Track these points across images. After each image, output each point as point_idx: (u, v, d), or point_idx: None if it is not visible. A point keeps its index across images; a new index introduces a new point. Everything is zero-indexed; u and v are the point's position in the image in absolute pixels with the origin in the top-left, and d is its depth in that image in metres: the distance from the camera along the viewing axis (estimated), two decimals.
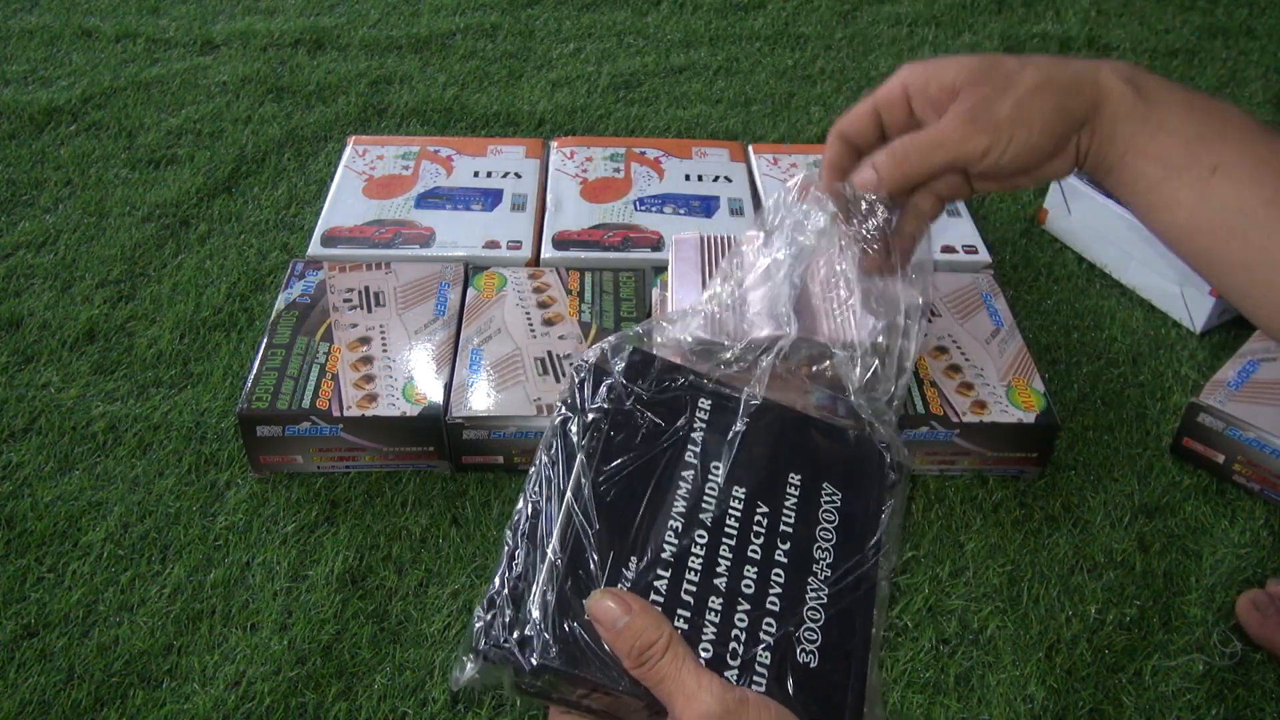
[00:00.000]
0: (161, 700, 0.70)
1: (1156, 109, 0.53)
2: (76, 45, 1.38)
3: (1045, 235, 1.12)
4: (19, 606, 0.75)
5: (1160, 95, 0.54)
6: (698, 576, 0.47)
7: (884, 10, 1.52)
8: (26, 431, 0.88)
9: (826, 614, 0.48)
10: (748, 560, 0.48)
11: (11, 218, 1.10)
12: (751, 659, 0.45)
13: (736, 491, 0.50)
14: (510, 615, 0.44)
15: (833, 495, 0.52)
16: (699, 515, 0.49)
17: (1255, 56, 1.43)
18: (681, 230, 0.97)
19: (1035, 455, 0.84)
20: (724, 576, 0.47)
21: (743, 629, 0.46)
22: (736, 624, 0.46)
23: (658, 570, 0.46)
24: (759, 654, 0.46)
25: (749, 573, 0.48)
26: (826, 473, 0.52)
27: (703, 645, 0.45)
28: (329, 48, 1.39)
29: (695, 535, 0.48)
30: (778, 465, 0.52)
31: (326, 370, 0.84)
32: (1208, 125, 0.53)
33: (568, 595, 0.45)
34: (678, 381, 0.53)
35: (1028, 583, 0.78)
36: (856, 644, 0.48)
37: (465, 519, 0.82)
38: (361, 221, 1.01)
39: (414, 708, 0.70)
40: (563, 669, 0.43)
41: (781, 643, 0.46)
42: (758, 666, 0.45)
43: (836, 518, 0.51)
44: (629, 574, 0.46)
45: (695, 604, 0.46)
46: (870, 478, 0.53)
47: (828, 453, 0.53)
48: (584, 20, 1.47)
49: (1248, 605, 0.74)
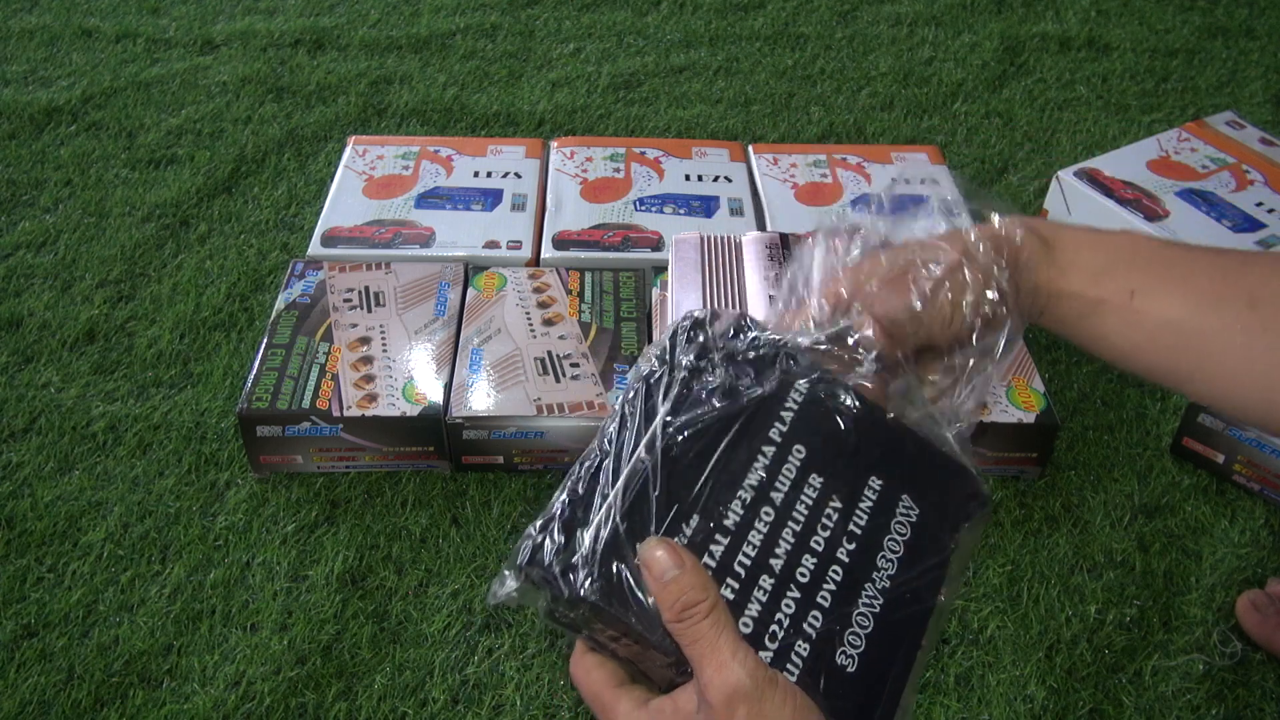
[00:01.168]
0: (161, 700, 0.70)
1: (1060, 250, 0.54)
2: (76, 45, 1.38)
3: None
4: (19, 606, 0.75)
5: (1061, 237, 0.55)
6: (754, 552, 0.46)
7: (884, 10, 1.52)
8: (26, 431, 0.88)
9: (875, 623, 0.47)
10: (809, 549, 0.47)
11: (11, 218, 1.10)
12: (790, 646, 0.45)
13: (813, 480, 0.49)
14: (560, 541, 0.44)
15: (910, 509, 0.50)
16: (770, 493, 0.48)
17: (1255, 56, 1.43)
18: (681, 230, 0.98)
19: (1035, 455, 0.84)
20: (781, 559, 0.46)
21: (788, 615, 0.45)
22: (783, 609, 0.45)
23: (716, 535, 0.46)
24: (798, 644, 0.45)
25: (807, 562, 0.47)
26: (909, 485, 0.51)
27: (744, 620, 0.44)
28: (329, 48, 1.39)
29: (761, 511, 0.47)
30: (861, 464, 0.51)
31: (326, 370, 0.84)
32: (1115, 254, 0.54)
33: (621, 537, 0.44)
34: (777, 355, 0.52)
35: (1028, 583, 0.78)
36: (899, 661, 0.46)
37: (465, 519, 0.82)
38: (361, 221, 1.01)
39: (414, 708, 0.70)
40: (600, 604, 0.43)
41: (824, 639, 0.45)
42: (794, 656, 0.45)
43: (909, 532, 0.49)
44: (686, 530, 0.45)
45: (746, 578, 0.45)
46: (952, 501, 0.52)
47: (915, 466, 0.52)
48: (584, 20, 1.47)
49: (1247, 605, 0.74)
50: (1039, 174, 1.20)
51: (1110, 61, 1.41)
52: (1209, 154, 1.13)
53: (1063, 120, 1.30)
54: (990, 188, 1.18)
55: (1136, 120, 1.30)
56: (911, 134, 1.26)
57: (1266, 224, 1.03)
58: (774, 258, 0.87)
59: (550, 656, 0.73)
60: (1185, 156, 1.12)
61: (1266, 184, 1.08)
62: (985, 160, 1.22)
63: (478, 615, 0.75)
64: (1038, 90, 1.35)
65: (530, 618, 0.75)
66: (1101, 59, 1.42)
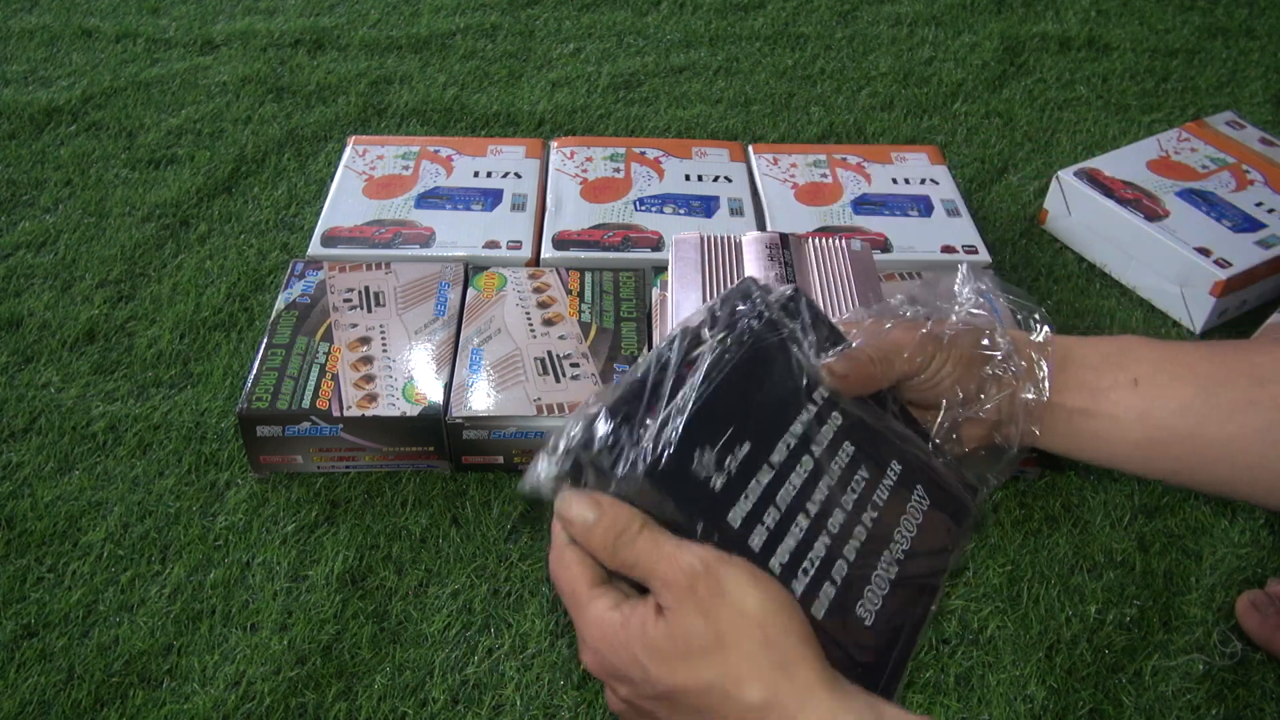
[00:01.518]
0: (161, 700, 0.70)
1: (1060, 347, 0.55)
2: (76, 45, 1.38)
3: (1045, 235, 1.12)
4: (19, 606, 0.75)
5: (1059, 340, 0.56)
6: (795, 493, 0.47)
7: (884, 10, 1.52)
8: (26, 431, 0.88)
9: (891, 588, 0.48)
10: (840, 505, 0.49)
11: (11, 218, 1.10)
12: (819, 584, 0.46)
13: (847, 446, 0.51)
14: (610, 428, 0.44)
15: (922, 499, 0.53)
16: (810, 445, 0.49)
17: (1255, 56, 1.43)
18: (681, 230, 0.98)
19: (1035, 455, 0.84)
20: (816, 506, 0.48)
21: (818, 559, 0.47)
22: (815, 550, 0.47)
23: (764, 465, 0.47)
24: (826, 586, 0.46)
25: (837, 515, 0.48)
26: (921, 477, 0.53)
27: (780, 550, 0.45)
28: (329, 48, 1.39)
29: (803, 457, 0.48)
30: (886, 446, 0.52)
31: (327, 370, 0.84)
32: (1113, 347, 0.55)
33: (672, 439, 0.44)
34: (828, 335, 0.53)
35: (1028, 583, 0.78)
36: (909, 622, 0.48)
37: (465, 519, 0.82)
38: (361, 221, 1.01)
39: (414, 708, 0.70)
40: (648, 488, 0.43)
41: (847, 587, 0.47)
42: (821, 595, 0.46)
43: (921, 517, 0.52)
44: (739, 452, 0.46)
45: (785, 514, 0.46)
46: (953, 502, 0.54)
47: (926, 462, 0.54)
48: (584, 20, 1.47)
49: (1247, 606, 0.75)
50: (1039, 174, 1.20)
51: (1110, 61, 1.41)
52: (1209, 154, 1.13)
53: (1063, 120, 1.30)
54: (989, 189, 1.18)
55: (1136, 120, 1.30)
56: (911, 134, 1.26)
57: (1266, 224, 1.03)
58: (774, 258, 0.87)
59: (550, 656, 0.73)
60: (1185, 156, 1.12)
61: (1266, 184, 1.08)
62: (985, 160, 1.22)
63: (478, 615, 0.75)
64: (1038, 90, 1.35)
65: (530, 617, 0.75)
66: (1101, 59, 1.42)
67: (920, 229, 1.03)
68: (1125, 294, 1.05)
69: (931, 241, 1.02)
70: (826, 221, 1.04)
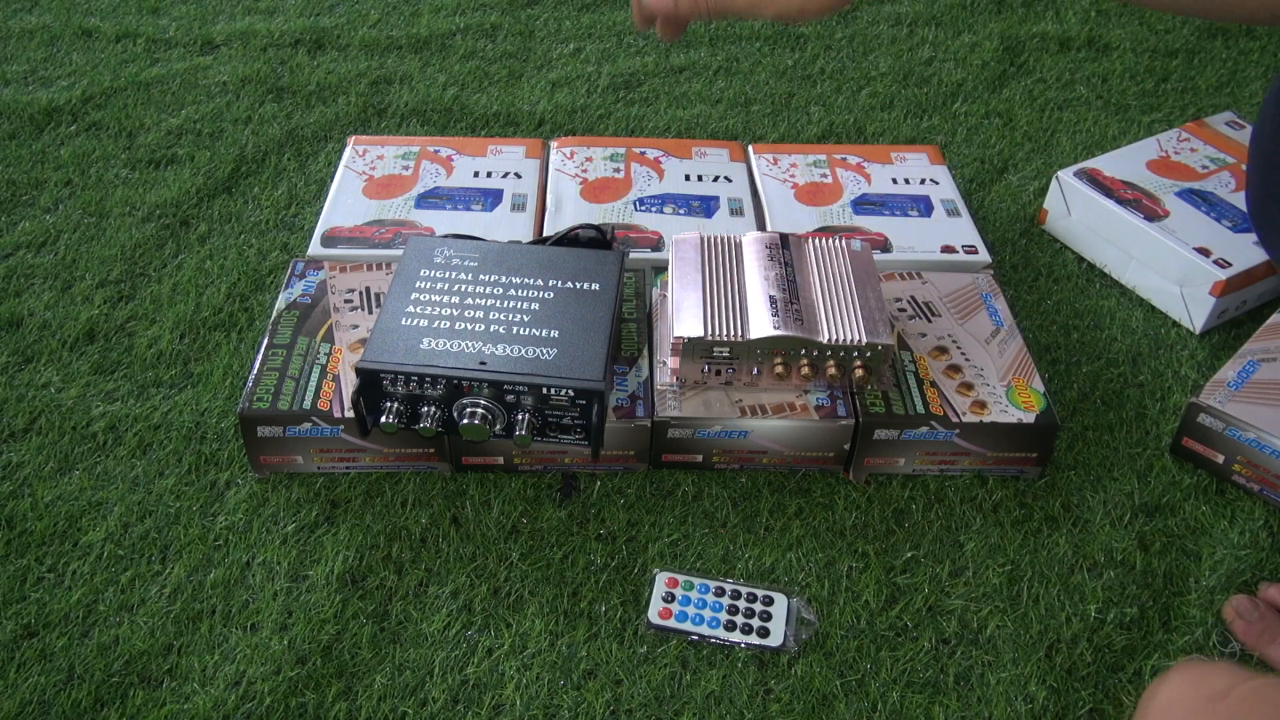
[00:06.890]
0: (161, 700, 0.70)
1: None
2: (76, 45, 1.38)
3: (1045, 235, 1.12)
4: (19, 606, 0.75)
5: None
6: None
7: (884, 10, 1.52)
8: (26, 431, 0.88)
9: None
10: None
11: (11, 218, 1.10)
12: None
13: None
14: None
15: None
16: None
17: (1255, 56, 1.43)
18: (681, 230, 0.98)
19: (1035, 455, 0.84)
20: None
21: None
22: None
23: None
24: None
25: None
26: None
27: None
28: (329, 48, 1.39)
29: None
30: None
31: (328, 371, 0.84)
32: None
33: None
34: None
35: (1028, 582, 0.78)
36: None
37: (465, 519, 0.82)
38: (361, 221, 1.01)
39: (414, 708, 0.70)
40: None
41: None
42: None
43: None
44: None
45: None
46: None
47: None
48: (584, 20, 1.47)
49: (1232, 614, 0.75)
50: (1039, 174, 1.20)
51: (1110, 61, 1.41)
52: (1209, 154, 1.13)
53: (1063, 120, 1.30)
54: (989, 189, 1.18)
55: (1136, 120, 1.30)
56: (911, 134, 1.26)
57: None
58: (774, 258, 0.87)
59: (550, 656, 0.73)
60: (1185, 156, 1.12)
61: None
62: (985, 160, 1.22)
63: (478, 615, 0.75)
64: (1038, 90, 1.35)
65: (530, 617, 0.75)
66: (1101, 59, 1.42)
67: (920, 229, 1.03)
68: (1125, 294, 1.05)
69: (931, 241, 1.02)
70: (826, 221, 1.04)
